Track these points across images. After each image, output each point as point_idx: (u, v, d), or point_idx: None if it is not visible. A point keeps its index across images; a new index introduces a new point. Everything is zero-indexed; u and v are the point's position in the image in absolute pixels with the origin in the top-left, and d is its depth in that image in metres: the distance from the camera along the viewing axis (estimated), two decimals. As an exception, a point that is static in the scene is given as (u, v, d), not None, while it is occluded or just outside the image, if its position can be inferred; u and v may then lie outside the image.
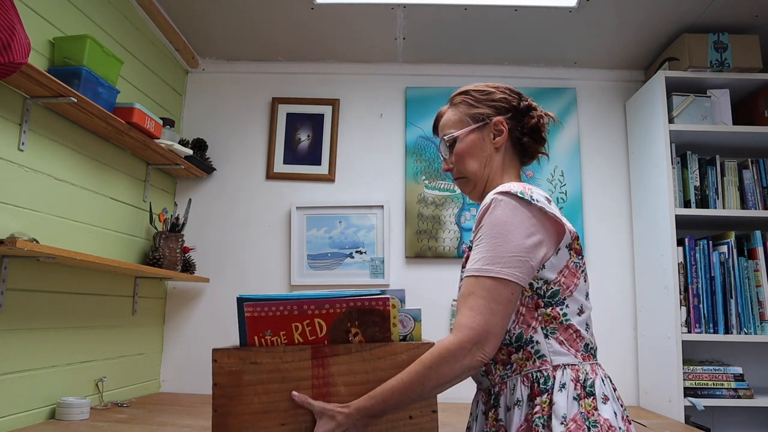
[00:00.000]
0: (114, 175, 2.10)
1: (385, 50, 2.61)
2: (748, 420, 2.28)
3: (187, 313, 2.55)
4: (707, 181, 2.29)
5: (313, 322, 1.00)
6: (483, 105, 1.20)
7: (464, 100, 1.22)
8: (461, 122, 1.20)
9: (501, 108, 1.19)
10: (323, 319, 1.00)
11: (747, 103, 2.44)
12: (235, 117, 2.71)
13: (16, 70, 1.36)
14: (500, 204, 1.03)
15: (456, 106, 1.23)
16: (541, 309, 1.04)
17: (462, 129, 1.19)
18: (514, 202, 1.03)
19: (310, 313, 1.00)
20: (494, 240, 1.01)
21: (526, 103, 1.21)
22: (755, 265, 2.19)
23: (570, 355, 1.03)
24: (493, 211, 1.03)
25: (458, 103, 1.23)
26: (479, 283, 0.99)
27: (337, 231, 2.57)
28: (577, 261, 1.07)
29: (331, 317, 1.00)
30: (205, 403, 2.18)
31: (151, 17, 2.30)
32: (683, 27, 2.31)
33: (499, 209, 1.03)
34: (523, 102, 1.21)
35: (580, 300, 1.06)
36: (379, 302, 1.01)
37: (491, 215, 1.03)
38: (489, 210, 1.04)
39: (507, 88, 1.22)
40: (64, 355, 1.81)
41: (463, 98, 1.23)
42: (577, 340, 1.04)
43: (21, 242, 1.36)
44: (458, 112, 1.22)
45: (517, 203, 1.03)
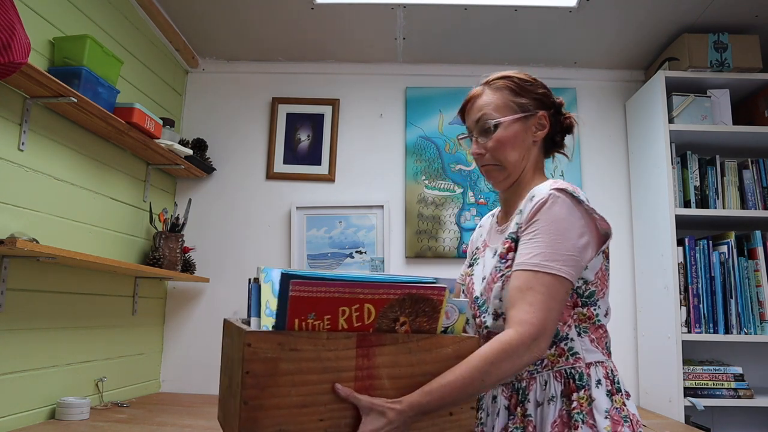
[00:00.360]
0: (114, 175, 2.10)
1: (385, 50, 2.61)
2: (748, 420, 2.28)
3: (187, 313, 2.55)
4: (707, 181, 2.29)
5: (362, 307, 0.90)
6: (527, 95, 1.16)
7: (507, 86, 1.16)
8: (506, 108, 1.15)
9: (544, 102, 1.17)
10: (373, 305, 0.91)
11: (747, 103, 2.43)
12: (235, 117, 2.71)
13: (16, 70, 1.36)
14: (558, 201, 1.03)
15: (498, 90, 1.17)
16: (578, 308, 1.06)
17: (507, 116, 1.14)
18: (569, 200, 1.03)
19: (362, 297, 0.90)
20: (553, 237, 1.00)
21: (559, 101, 1.21)
22: (755, 265, 2.19)
23: (599, 352, 1.07)
24: (552, 207, 1.02)
25: (500, 87, 1.17)
26: (538, 279, 0.98)
27: (337, 231, 2.57)
28: (607, 264, 1.10)
29: (382, 303, 0.91)
30: (205, 403, 2.18)
31: (151, 17, 2.30)
32: (683, 27, 2.31)
33: (557, 206, 1.02)
34: (557, 99, 1.20)
35: (608, 302, 1.11)
36: (435, 291, 0.93)
37: (549, 211, 1.02)
38: (547, 205, 1.02)
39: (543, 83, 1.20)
40: (64, 355, 1.81)
41: (506, 83, 1.17)
42: (603, 339, 1.08)
43: (21, 242, 1.36)
44: (502, 96, 1.16)
45: (572, 202, 1.03)
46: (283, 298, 0.86)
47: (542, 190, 1.05)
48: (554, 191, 1.03)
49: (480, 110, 1.16)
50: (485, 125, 1.14)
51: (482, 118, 1.15)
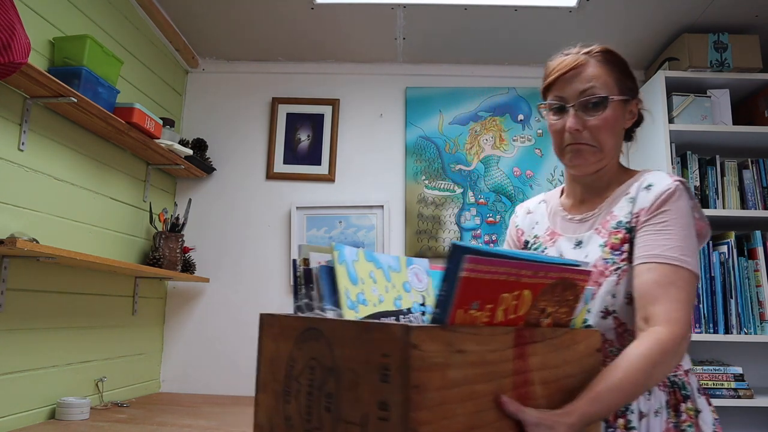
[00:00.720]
0: (114, 175, 2.10)
1: (385, 50, 2.61)
2: (748, 420, 2.28)
3: (187, 313, 2.55)
4: (707, 181, 2.29)
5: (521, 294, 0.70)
6: (630, 79, 1.09)
7: (615, 62, 1.07)
8: (615, 87, 1.05)
9: (636, 89, 1.11)
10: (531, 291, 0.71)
11: (747, 103, 2.43)
12: (235, 117, 2.71)
13: (16, 70, 1.36)
14: (684, 195, 0.98)
15: (606, 64, 1.06)
16: None
17: (616, 95, 1.04)
18: (690, 196, 1.00)
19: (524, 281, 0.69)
20: (685, 231, 0.95)
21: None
22: (755, 265, 2.19)
23: (688, 358, 1.02)
24: (680, 199, 0.97)
25: (609, 61, 1.07)
26: (679, 274, 0.91)
27: (337, 231, 2.57)
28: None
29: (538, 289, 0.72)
30: (205, 403, 2.18)
31: (151, 17, 2.30)
32: (683, 27, 2.31)
33: (684, 200, 0.98)
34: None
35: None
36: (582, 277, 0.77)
37: (678, 203, 0.97)
38: (675, 196, 0.97)
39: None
40: (64, 355, 1.81)
41: (613, 58, 1.08)
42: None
43: (21, 242, 1.36)
44: (612, 72, 1.06)
45: (692, 199, 1.00)
46: (451, 278, 0.63)
47: (663, 180, 1.00)
48: (680, 183, 0.99)
49: (589, 81, 1.03)
50: (593, 99, 1.02)
51: (591, 90, 1.02)
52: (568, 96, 1.04)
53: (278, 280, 2.55)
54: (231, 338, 2.51)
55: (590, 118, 1.02)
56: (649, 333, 0.88)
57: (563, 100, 1.05)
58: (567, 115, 1.04)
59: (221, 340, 2.50)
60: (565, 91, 1.05)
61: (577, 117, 1.03)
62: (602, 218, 1.06)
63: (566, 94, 1.05)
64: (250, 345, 2.75)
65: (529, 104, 2.65)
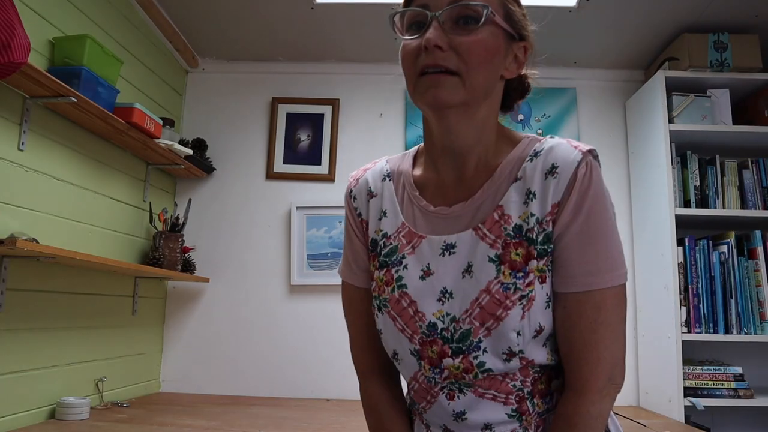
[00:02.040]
0: (114, 175, 2.10)
1: (385, 50, 2.61)
2: (748, 420, 2.28)
3: (187, 313, 2.55)
4: (707, 180, 2.29)
5: None
6: (520, 11, 0.84)
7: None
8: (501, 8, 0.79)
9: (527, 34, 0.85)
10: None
11: (747, 102, 2.43)
12: (235, 117, 2.71)
13: (16, 70, 1.36)
14: (597, 169, 0.76)
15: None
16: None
17: (500, 16, 0.78)
18: (599, 166, 0.77)
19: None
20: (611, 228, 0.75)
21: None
22: (755, 265, 2.19)
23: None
24: (597, 182, 0.75)
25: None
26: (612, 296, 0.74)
27: (337, 231, 2.56)
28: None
29: None
30: (205, 403, 2.18)
31: (151, 17, 2.30)
32: (683, 27, 2.31)
33: (599, 177, 0.75)
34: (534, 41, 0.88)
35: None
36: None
37: (597, 187, 0.74)
38: (592, 180, 0.74)
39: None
40: (64, 355, 1.81)
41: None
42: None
43: (21, 242, 1.36)
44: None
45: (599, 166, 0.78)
46: None
47: (567, 156, 0.75)
48: (589, 156, 0.75)
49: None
50: (470, 12, 0.75)
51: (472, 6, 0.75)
52: (434, 4, 0.76)
53: (278, 280, 2.55)
54: (231, 338, 2.51)
55: (462, 36, 0.74)
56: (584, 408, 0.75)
57: (425, 8, 0.76)
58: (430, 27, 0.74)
59: (221, 340, 2.50)
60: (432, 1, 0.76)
61: (441, 30, 0.74)
62: (484, 212, 0.78)
63: (432, 3, 0.76)
64: (250, 345, 2.77)
65: (529, 104, 2.65)
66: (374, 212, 0.88)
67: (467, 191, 0.81)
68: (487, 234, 0.77)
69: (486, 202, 0.79)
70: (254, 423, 1.83)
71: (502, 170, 0.79)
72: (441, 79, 0.74)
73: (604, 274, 0.74)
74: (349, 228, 0.93)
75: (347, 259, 0.93)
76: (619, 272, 0.74)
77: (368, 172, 0.92)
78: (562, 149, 0.76)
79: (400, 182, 0.88)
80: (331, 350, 2.44)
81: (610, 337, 0.76)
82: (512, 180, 0.78)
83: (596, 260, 0.74)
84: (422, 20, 0.76)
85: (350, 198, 0.93)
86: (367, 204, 0.90)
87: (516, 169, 0.79)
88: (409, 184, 0.87)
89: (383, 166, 0.92)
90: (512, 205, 0.77)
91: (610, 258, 0.74)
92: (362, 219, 0.90)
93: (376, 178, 0.90)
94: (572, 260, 0.74)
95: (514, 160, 0.80)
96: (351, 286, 0.93)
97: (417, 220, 0.84)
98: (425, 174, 0.86)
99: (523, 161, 0.79)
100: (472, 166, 0.81)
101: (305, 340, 2.48)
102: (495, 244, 0.76)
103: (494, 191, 0.79)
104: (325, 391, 2.43)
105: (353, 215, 0.92)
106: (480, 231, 0.78)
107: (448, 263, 0.79)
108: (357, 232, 0.91)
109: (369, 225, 0.89)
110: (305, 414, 2.04)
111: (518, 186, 0.77)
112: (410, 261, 0.82)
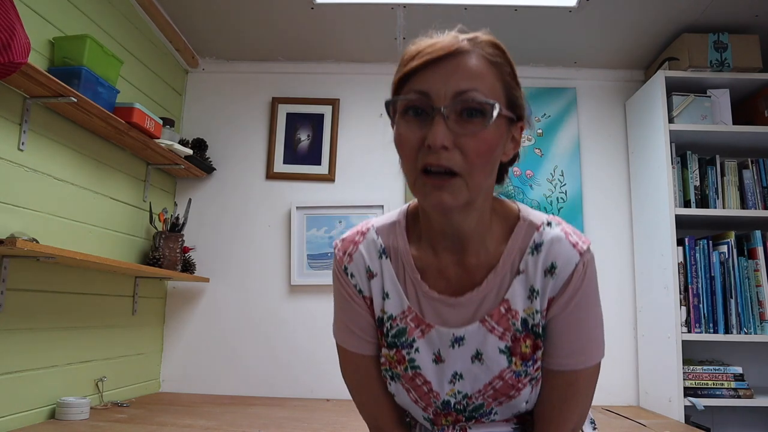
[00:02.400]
0: (114, 175, 2.10)
1: (385, 50, 2.61)
2: (748, 420, 2.28)
3: (187, 313, 2.55)
4: (707, 180, 2.29)
5: None
6: (519, 91, 0.78)
7: (506, 65, 0.76)
8: (503, 97, 0.74)
9: (524, 108, 0.80)
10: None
11: (747, 102, 2.43)
12: (235, 117, 2.71)
13: (16, 70, 1.36)
14: (591, 265, 0.81)
15: (493, 64, 0.74)
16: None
17: (504, 108, 0.74)
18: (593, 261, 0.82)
19: None
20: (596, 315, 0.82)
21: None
22: (755, 264, 2.19)
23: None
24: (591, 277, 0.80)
25: (496, 60, 0.74)
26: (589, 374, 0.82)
27: (337, 231, 2.56)
28: None
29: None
30: (205, 403, 2.18)
31: (151, 17, 2.30)
32: (683, 27, 2.31)
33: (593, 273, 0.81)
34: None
35: None
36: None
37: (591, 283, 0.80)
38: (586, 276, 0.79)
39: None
40: (64, 355, 1.81)
41: (504, 58, 0.76)
42: None
43: (21, 242, 1.36)
44: (499, 75, 0.74)
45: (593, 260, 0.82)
46: None
47: (567, 257, 0.78)
48: (587, 255, 0.79)
49: (471, 79, 0.71)
50: (475, 105, 0.70)
51: (472, 93, 0.70)
52: (437, 93, 0.70)
53: (278, 280, 2.55)
54: (231, 338, 2.51)
55: (465, 133, 0.70)
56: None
57: (428, 99, 0.71)
58: (430, 122, 0.70)
59: (221, 340, 2.50)
60: (433, 86, 0.71)
61: (446, 127, 0.69)
62: (490, 303, 0.80)
63: (435, 90, 0.70)
64: (250, 345, 2.77)
65: (529, 104, 2.65)
66: (377, 292, 0.86)
67: (470, 280, 0.82)
68: (495, 327, 0.80)
69: (491, 294, 0.81)
70: (254, 423, 1.83)
71: (504, 262, 0.81)
72: (445, 183, 0.71)
73: (580, 356, 0.80)
74: (348, 299, 0.88)
75: (347, 327, 0.89)
76: (596, 354, 0.81)
77: (360, 246, 0.87)
78: (563, 249, 0.79)
79: (399, 263, 0.85)
80: (331, 350, 2.42)
81: (581, 404, 0.83)
82: (515, 273, 0.80)
83: (576, 346, 0.80)
84: (422, 107, 0.72)
85: (346, 275, 0.87)
86: (368, 283, 0.86)
87: (517, 261, 0.81)
88: (410, 267, 0.84)
89: (375, 239, 0.87)
90: (518, 300, 0.80)
91: (588, 344, 0.80)
92: (365, 296, 0.87)
93: (372, 255, 0.86)
94: (554, 343, 0.81)
95: (514, 251, 0.81)
96: (356, 354, 0.89)
97: (422, 305, 0.83)
98: (424, 256, 0.84)
99: (524, 253, 0.81)
100: (473, 250, 0.81)
101: (305, 340, 2.48)
102: (504, 336, 0.80)
103: (498, 283, 0.81)
104: (325, 391, 2.43)
105: (353, 291, 0.87)
106: (488, 323, 0.80)
107: (457, 352, 0.82)
108: (359, 306, 0.87)
109: (373, 302, 0.86)
110: (305, 414, 2.04)
111: (521, 280, 0.80)
112: (421, 344, 0.83)
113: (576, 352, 0.80)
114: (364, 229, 0.89)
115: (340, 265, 0.88)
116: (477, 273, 0.81)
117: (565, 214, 2.54)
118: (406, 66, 0.74)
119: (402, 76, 0.75)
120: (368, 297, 0.87)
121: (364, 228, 0.89)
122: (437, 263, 0.83)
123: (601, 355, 0.81)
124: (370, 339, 0.88)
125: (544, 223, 0.82)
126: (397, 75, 0.77)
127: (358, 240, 0.88)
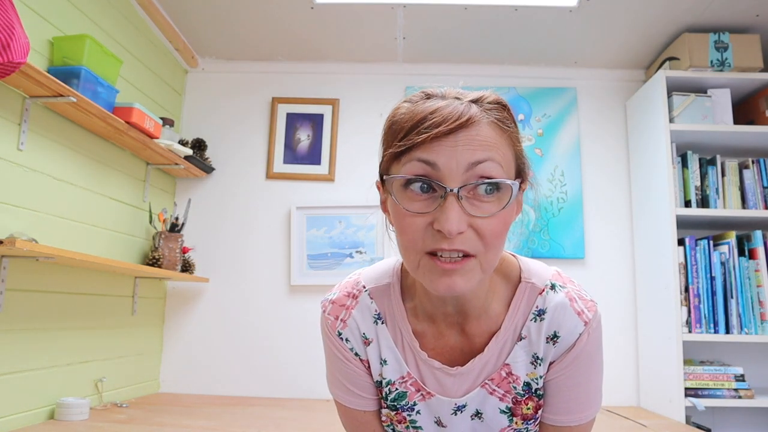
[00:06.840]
0: (114, 175, 2.10)
1: (385, 50, 2.61)
2: (749, 420, 2.27)
3: (186, 313, 2.55)
4: (708, 180, 2.29)
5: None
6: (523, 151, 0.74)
7: (512, 125, 0.70)
8: (513, 165, 0.71)
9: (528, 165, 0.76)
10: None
11: (748, 102, 2.43)
12: (235, 117, 2.71)
13: (16, 70, 1.36)
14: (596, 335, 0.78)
15: (503, 128, 0.68)
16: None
17: (517, 181, 0.70)
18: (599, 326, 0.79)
19: None
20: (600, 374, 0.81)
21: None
22: (756, 265, 2.19)
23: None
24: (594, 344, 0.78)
25: (506, 125, 0.69)
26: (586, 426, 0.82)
27: (337, 231, 2.56)
28: None
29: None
30: (205, 404, 2.18)
31: (151, 17, 2.30)
32: (684, 26, 2.31)
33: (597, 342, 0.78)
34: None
35: None
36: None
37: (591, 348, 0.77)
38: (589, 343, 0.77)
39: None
40: (63, 355, 1.81)
41: (509, 119, 0.70)
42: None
43: (20, 242, 1.36)
44: (510, 144, 0.70)
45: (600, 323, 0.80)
46: None
47: (571, 325, 0.76)
48: (591, 323, 0.76)
49: (485, 149, 0.65)
50: (494, 184, 0.65)
51: (487, 167, 0.64)
52: (446, 165, 0.63)
53: (278, 280, 2.55)
54: (231, 338, 2.50)
55: (479, 215, 0.64)
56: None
57: (438, 174, 0.64)
58: (441, 202, 0.64)
59: (221, 341, 2.50)
60: (442, 156, 0.63)
61: (461, 209, 0.63)
62: (491, 368, 0.79)
63: (444, 162, 0.63)
64: (250, 345, 2.76)
65: (530, 104, 2.65)
66: (374, 357, 0.82)
67: (471, 347, 0.79)
68: (495, 389, 0.79)
69: (492, 359, 0.79)
70: (254, 423, 1.82)
71: (506, 328, 0.78)
72: (458, 266, 0.65)
73: (577, 414, 0.79)
74: (344, 362, 0.84)
75: (344, 386, 0.86)
76: (593, 411, 0.80)
77: (354, 312, 0.82)
78: (567, 318, 0.76)
79: (396, 329, 0.81)
80: (331, 350, 2.43)
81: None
82: (516, 338, 0.78)
83: (573, 405, 0.79)
84: (430, 183, 0.65)
85: (340, 339, 0.83)
86: (364, 349, 0.83)
87: (520, 326, 0.78)
88: (408, 334, 0.80)
89: (369, 304, 0.82)
90: (519, 365, 0.78)
91: (587, 402, 0.79)
92: (362, 359, 0.84)
93: (367, 321, 0.82)
94: (551, 401, 0.80)
95: (517, 316, 0.78)
96: (356, 411, 0.87)
97: (422, 372, 0.81)
98: (421, 322, 0.81)
99: (526, 318, 0.78)
100: (474, 316, 0.78)
101: (305, 340, 2.48)
102: (505, 398, 0.80)
103: (500, 349, 0.79)
104: (326, 391, 2.42)
105: (350, 355, 0.83)
106: (488, 386, 0.80)
107: (459, 418, 0.82)
108: (357, 368, 0.84)
109: (371, 366, 0.84)
110: (305, 414, 2.04)
111: (524, 345, 0.78)
112: (422, 407, 0.82)
113: (573, 410, 0.79)
114: (355, 292, 0.83)
115: (333, 330, 0.83)
116: (478, 339, 0.79)
117: (565, 214, 2.54)
118: (408, 135, 0.65)
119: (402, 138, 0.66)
120: (366, 360, 0.84)
121: (354, 290, 0.83)
122: (435, 330, 0.80)
123: (597, 411, 0.81)
124: (371, 397, 0.86)
125: (547, 287, 0.78)
126: (394, 140, 0.67)
127: (350, 305, 0.83)
